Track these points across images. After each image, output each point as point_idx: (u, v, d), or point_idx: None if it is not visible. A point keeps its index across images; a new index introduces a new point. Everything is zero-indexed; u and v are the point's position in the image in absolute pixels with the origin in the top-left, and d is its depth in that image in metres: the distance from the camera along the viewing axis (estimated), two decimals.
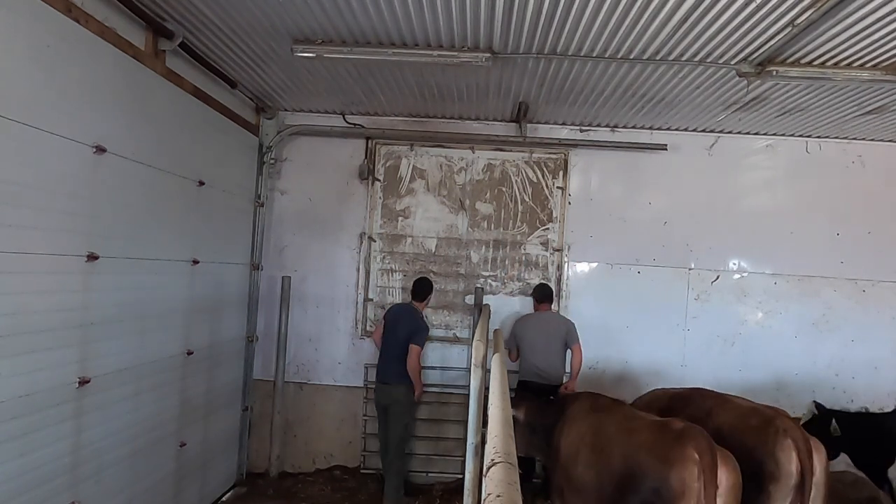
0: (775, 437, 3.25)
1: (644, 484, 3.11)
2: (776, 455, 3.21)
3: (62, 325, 3.16)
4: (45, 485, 3.06)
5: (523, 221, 6.01)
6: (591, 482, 3.44)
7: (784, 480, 3.17)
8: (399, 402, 5.17)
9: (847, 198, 5.86)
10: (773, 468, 3.20)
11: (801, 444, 3.20)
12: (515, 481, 1.21)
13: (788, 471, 3.17)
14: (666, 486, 3.00)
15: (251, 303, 5.85)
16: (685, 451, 3.01)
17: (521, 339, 5.37)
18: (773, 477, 3.20)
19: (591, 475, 3.46)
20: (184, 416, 4.55)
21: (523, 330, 5.38)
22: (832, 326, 5.84)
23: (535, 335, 5.31)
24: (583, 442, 3.62)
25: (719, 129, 5.85)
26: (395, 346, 5.21)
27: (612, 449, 3.37)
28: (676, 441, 3.09)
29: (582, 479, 3.52)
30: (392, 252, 6.08)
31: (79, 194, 3.24)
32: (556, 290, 5.90)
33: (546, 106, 5.42)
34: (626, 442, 3.32)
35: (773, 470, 3.20)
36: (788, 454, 3.18)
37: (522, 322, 5.48)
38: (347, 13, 3.68)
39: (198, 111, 4.61)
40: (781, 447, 3.20)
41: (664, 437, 3.16)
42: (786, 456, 3.19)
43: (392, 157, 6.10)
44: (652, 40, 3.82)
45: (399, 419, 5.18)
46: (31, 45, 2.87)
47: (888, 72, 3.98)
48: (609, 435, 3.46)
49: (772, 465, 3.21)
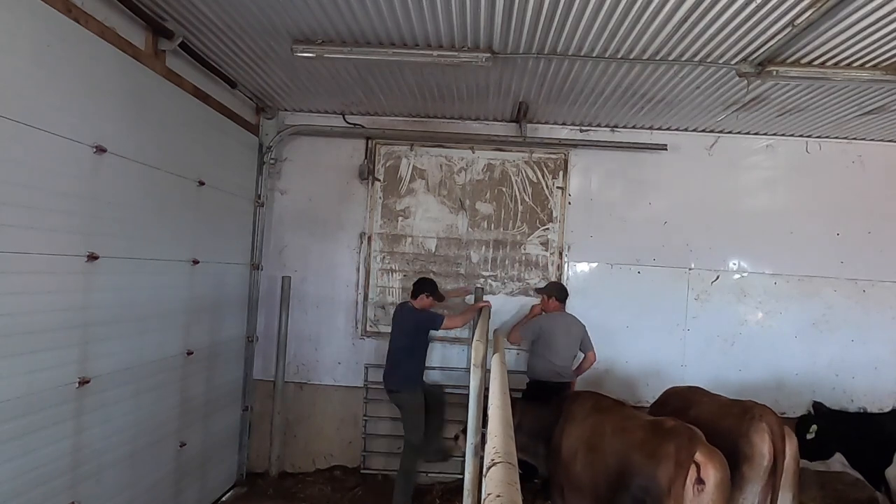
0: (750, 421, 3.45)
1: (633, 481, 3.14)
2: (750, 436, 3.40)
3: (62, 325, 3.16)
4: (45, 485, 3.06)
5: (523, 221, 6.00)
6: (588, 481, 3.48)
7: (757, 460, 3.35)
8: (402, 406, 5.16)
9: (847, 198, 5.85)
10: (747, 449, 3.37)
11: (774, 427, 3.39)
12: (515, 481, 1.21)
13: (761, 451, 3.35)
14: (654, 482, 3.04)
15: (251, 303, 5.85)
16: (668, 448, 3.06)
17: (548, 337, 5.19)
18: (746, 457, 3.37)
19: (588, 474, 3.50)
20: (184, 416, 4.55)
21: (552, 329, 5.22)
22: (832, 326, 5.84)
23: (559, 336, 5.21)
24: (582, 441, 3.65)
25: (719, 129, 5.85)
26: (396, 351, 5.18)
27: (606, 448, 3.42)
28: (662, 439, 3.14)
29: (580, 478, 3.55)
30: (392, 252, 6.07)
31: (79, 194, 3.24)
32: None
33: (546, 106, 5.42)
34: (619, 441, 3.37)
35: (747, 450, 3.38)
36: (762, 436, 3.36)
37: (548, 320, 5.31)
38: (347, 13, 3.68)
39: (198, 111, 4.61)
40: (755, 429, 3.40)
41: (653, 436, 3.21)
42: (759, 437, 3.37)
43: (392, 157, 6.09)
44: (652, 40, 3.82)
45: (406, 421, 5.16)
46: (31, 45, 2.87)
47: (888, 72, 3.98)
48: (605, 435, 3.50)
49: (746, 446, 3.38)
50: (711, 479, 3.01)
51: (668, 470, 3.01)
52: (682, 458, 3.00)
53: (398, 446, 5.89)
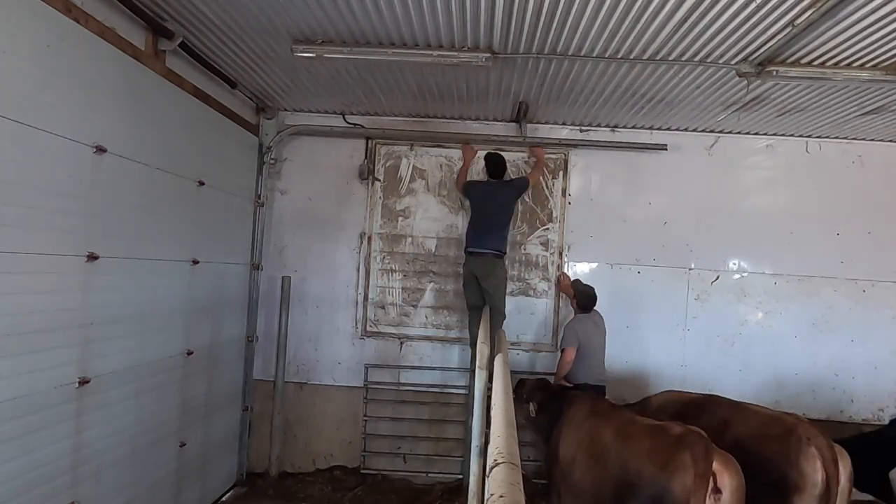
0: (798, 445, 3.20)
1: (644, 491, 3.06)
2: (800, 465, 3.16)
3: (62, 325, 3.15)
4: (45, 485, 3.06)
5: (523, 221, 5.99)
6: (589, 488, 3.41)
7: (809, 490, 3.13)
8: (495, 275, 5.31)
9: (847, 198, 5.86)
10: (798, 478, 3.15)
11: (825, 452, 3.15)
12: (518, 482, 1.21)
13: (814, 480, 3.12)
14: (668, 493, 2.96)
15: (251, 303, 5.85)
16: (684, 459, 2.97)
17: (586, 342, 5.11)
18: (797, 488, 3.15)
19: (588, 481, 3.43)
20: (184, 416, 4.55)
21: (587, 334, 5.14)
22: (832, 327, 5.84)
23: (596, 340, 5.17)
24: (580, 447, 3.59)
25: (719, 129, 5.85)
26: (493, 225, 5.37)
27: (609, 455, 3.33)
28: (675, 447, 3.04)
29: (580, 484, 3.49)
30: (392, 252, 6.06)
31: (79, 194, 3.24)
32: (556, 290, 5.90)
33: (546, 106, 5.42)
34: (624, 448, 3.27)
35: (798, 480, 3.15)
36: (813, 464, 3.13)
37: (583, 325, 5.22)
38: (347, 13, 3.67)
39: (198, 111, 4.61)
40: (805, 456, 3.15)
41: (663, 444, 3.11)
42: (811, 466, 3.14)
43: (392, 157, 6.09)
44: (652, 40, 3.82)
45: (497, 290, 5.33)
46: (31, 45, 2.86)
47: (888, 72, 3.98)
48: (607, 441, 3.42)
49: (795, 475, 3.15)
50: (728, 487, 2.93)
51: (685, 481, 2.91)
52: (700, 469, 2.90)
53: (398, 446, 5.93)
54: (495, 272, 5.30)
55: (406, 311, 6.03)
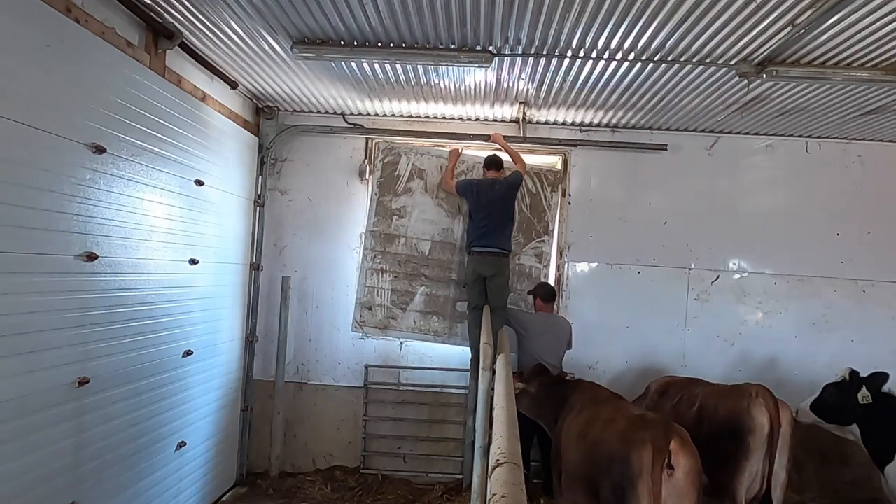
0: (749, 398, 4.10)
1: (613, 467, 3.30)
2: (751, 412, 4.03)
3: (62, 325, 3.15)
4: (45, 485, 3.06)
5: (519, 231, 5.80)
6: (580, 469, 3.60)
7: (758, 431, 3.96)
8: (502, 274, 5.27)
9: (847, 198, 5.86)
10: (750, 422, 4.00)
11: (769, 402, 4.03)
12: (520, 482, 1.21)
13: (761, 423, 3.97)
14: (627, 467, 3.22)
15: (251, 303, 5.85)
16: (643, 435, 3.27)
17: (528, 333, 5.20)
18: (750, 430, 3.98)
19: (580, 462, 3.63)
20: (184, 416, 4.55)
21: (533, 326, 5.22)
22: (832, 326, 5.84)
23: (545, 336, 5.20)
24: (578, 431, 3.77)
25: (719, 129, 5.85)
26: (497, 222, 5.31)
27: (595, 437, 3.57)
28: (639, 427, 3.36)
29: (574, 466, 3.68)
30: (384, 252, 5.82)
31: (78, 194, 3.23)
32: (557, 289, 5.87)
33: (546, 106, 5.42)
34: (605, 431, 3.53)
35: (750, 423, 4.00)
36: (761, 410, 4.00)
37: (532, 317, 5.32)
38: (347, 13, 3.67)
39: (198, 111, 4.61)
40: (755, 405, 4.04)
41: (633, 426, 3.42)
42: (759, 411, 4.00)
43: (391, 154, 5.96)
44: (652, 40, 3.82)
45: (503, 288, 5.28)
46: (31, 45, 2.86)
47: (888, 72, 3.98)
48: (597, 425, 3.65)
49: (748, 419, 4.02)
50: (681, 466, 3.19)
51: (641, 454, 3.17)
52: (657, 446, 3.18)
53: (398, 446, 5.93)
54: (503, 271, 5.27)
55: (394, 313, 5.77)
